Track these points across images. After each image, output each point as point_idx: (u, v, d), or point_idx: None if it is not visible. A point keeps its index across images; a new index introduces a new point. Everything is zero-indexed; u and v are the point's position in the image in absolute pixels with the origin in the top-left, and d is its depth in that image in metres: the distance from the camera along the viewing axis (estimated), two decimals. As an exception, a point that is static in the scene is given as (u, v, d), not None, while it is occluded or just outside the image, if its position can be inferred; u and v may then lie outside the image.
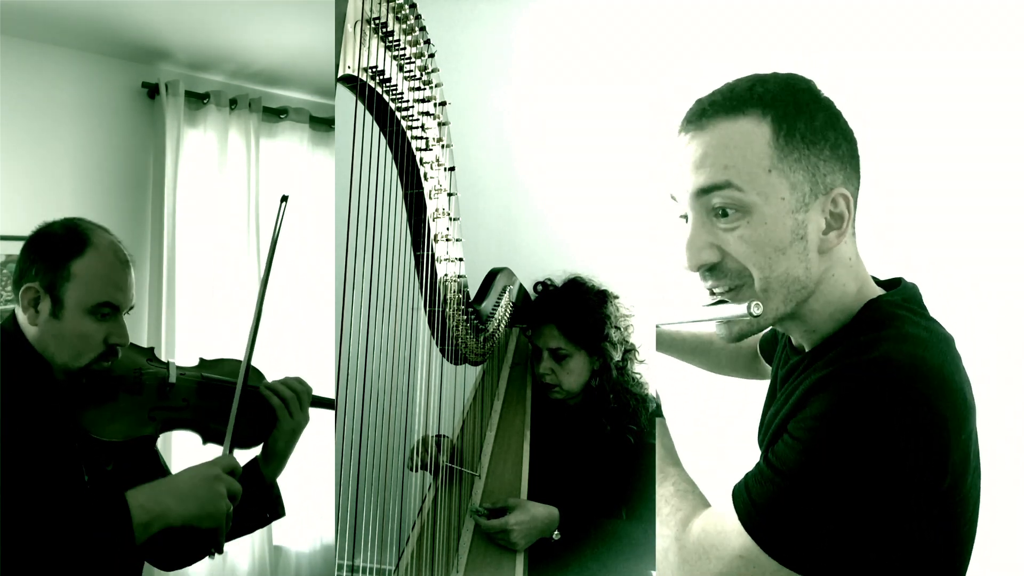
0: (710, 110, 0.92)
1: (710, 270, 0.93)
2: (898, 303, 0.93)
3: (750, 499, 0.85)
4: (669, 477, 0.99)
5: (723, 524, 0.87)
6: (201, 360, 1.39)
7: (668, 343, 1.57)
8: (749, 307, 0.90)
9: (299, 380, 1.35)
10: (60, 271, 1.14)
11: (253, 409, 1.30)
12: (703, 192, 0.91)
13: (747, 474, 0.88)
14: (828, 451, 0.80)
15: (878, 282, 1.00)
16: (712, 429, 1.94)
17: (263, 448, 1.32)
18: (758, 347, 1.46)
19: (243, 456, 1.30)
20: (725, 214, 0.90)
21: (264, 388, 1.32)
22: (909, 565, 0.86)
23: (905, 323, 0.89)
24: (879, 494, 0.79)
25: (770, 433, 0.93)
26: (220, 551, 1.16)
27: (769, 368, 1.37)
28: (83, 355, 1.16)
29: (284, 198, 1.39)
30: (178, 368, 1.31)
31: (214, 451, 1.30)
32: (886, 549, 0.83)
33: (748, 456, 0.94)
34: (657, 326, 1.19)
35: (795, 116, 0.91)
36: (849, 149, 0.94)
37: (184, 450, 2.23)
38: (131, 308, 1.22)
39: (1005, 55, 1.82)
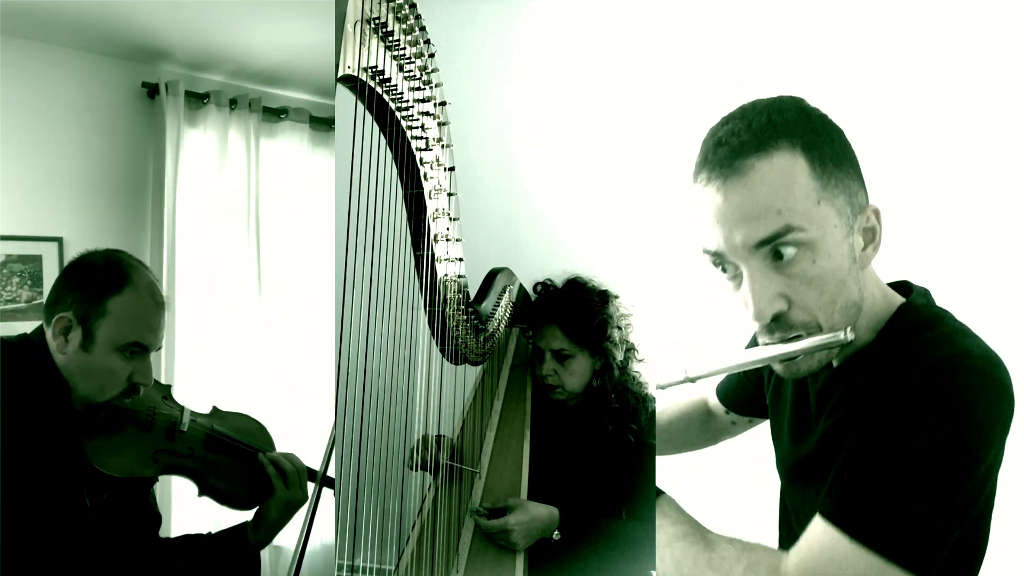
0: (740, 151, 0.87)
1: (776, 320, 0.90)
2: (931, 304, 0.95)
3: (867, 512, 0.81)
4: (716, 543, 0.90)
5: (830, 553, 0.81)
6: (214, 409, 1.40)
7: None
8: (842, 334, 0.88)
9: (295, 457, 1.36)
10: (96, 305, 1.14)
11: (257, 473, 1.31)
12: (763, 244, 0.87)
13: (838, 492, 0.84)
14: (945, 447, 0.80)
15: (891, 286, 1.01)
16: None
17: (256, 514, 1.31)
18: (708, 403, 1.42)
19: (234, 517, 1.31)
20: (780, 256, 0.87)
21: (262, 458, 1.32)
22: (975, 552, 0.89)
23: (951, 320, 0.91)
24: (982, 479, 0.82)
25: (846, 448, 0.89)
26: None
27: (726, 419, 1.36)
28: (106, 391, 1.17)
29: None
30: (191, 414, 1.32)
31: (208, 504, 1.32)
32: (974, 535, 0.86)
33: (742, 472, 0.93)
34: (659, 386, 1.07)
35: (820, 141, 0.88)
36: (857, 163, 0.93)
37: (183, 495, 2.23)
38: (159, 348, 1.23)
39: (1005, 55, 1.81)
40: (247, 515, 1.33)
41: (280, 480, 1.30)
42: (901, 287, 1.01)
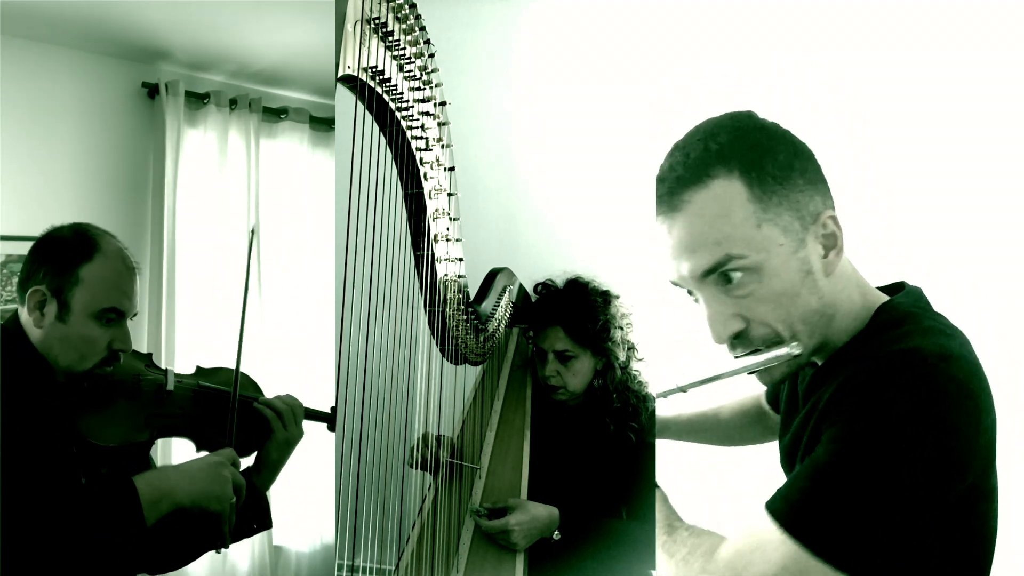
0: (677, 186, 0.90)
1: (737, 338, 0.93)
2: (910, 304, 0.94)
3: (795, 503, 0.83)
4: (677, 529, 0.96)
5: (758, 539, 0.84)
6: (198, 368, 1.41)
7: (664, 426, 1.53)
8: (790, 348, 0.91)
9: (291, 396, 1.38)
10: (68, 275, 1.15)
11: (249, 419, 1.33)
12: (708, 273, 0.90)
13: (784, 485, 0.87)
14: (872, 441, 0.80)
15: (885, 287, 1.01)
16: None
17: (256, 458, 1.33)
18: (764, 399, 1.43)
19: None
20: (729, 280, 0.89)
21: (259, 403, 1.35)
22: (948, 555, 0.87)
23: (922, 319, 0.90)
24: (924, 478, 0.79)
25: (803, 444, 0.93)
26: (226, 545, 1.17)
27: (775, 417, 1.37)
28: (87, 359, 1.17)
29: (252, 231, 1.50)
30: (175, 375, 1.33)
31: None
32: (928, 538, 0.83)
33: (748, 472, 0.94)
34: (658, 394, 1.09)
35: (760, 160, 0.89)
36: (814, 167, 0.94)
37: (181, 458, 2.21)
38: (135, 315, 1.23)
39: (1005, 55, 1.82)
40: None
41: (278, 420, 1.32)
42: (895, 288, 1.01)
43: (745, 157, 0.89)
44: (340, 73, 1.03)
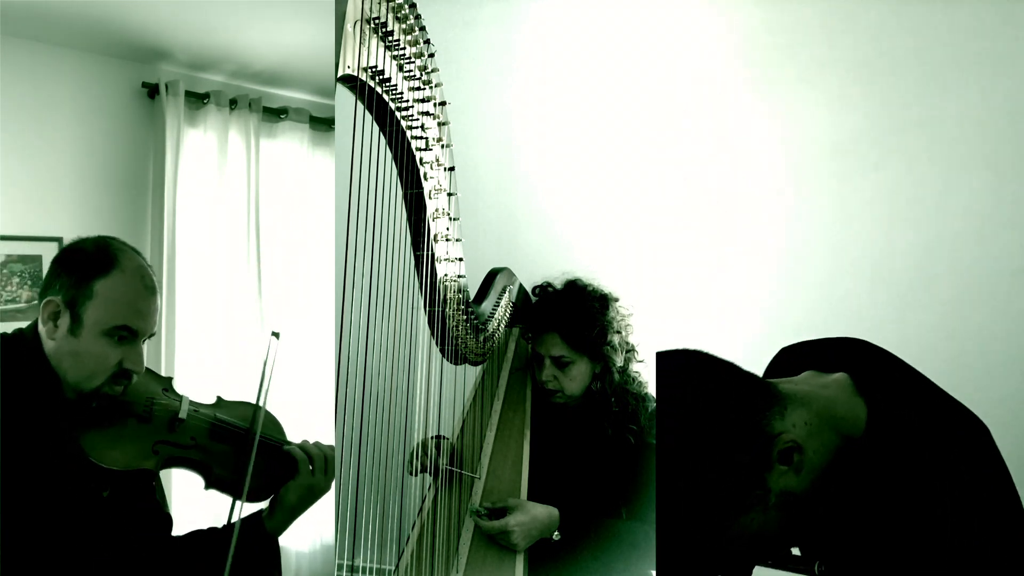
0: None
1: None
2: None
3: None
4: None
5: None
6: (219, 399, 1.36)
7: None
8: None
9: (326, 445, 1.32)
10: (83, 288, 1.13)
11: (266, 462, 1.27)
12: None
13: None
14: None
15: None
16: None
17: (272, 500, 1.28)
18: None
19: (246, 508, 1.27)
20: None
21: (289, 444, 1.30)
22: None
23: None
24: None
25: None
26: None
27: None
28: (95, 376, 1.14)
29: (275, 334, 1.38)
30: (191, 404, 1.28)
31: (215, 496, 1.27)
32: None
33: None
34: None
35: None
36: None
37: (184, 491, 2.14)
38: (152, 335, 1.20)
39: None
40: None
41: (307, 464, 1.27)
42: None
43: None
44: (340, 73, 1.02)
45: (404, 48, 1.16)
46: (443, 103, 1.31)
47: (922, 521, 0.80)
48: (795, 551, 0.96)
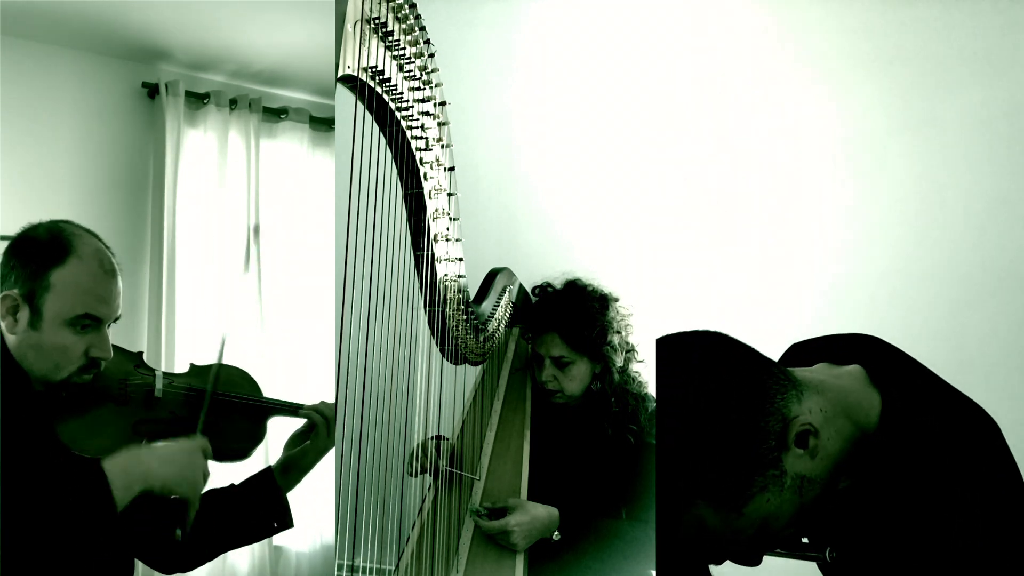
0: None
1: None
2: None
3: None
4: None
5: None
6: (192, 366, 1.35)
7: None
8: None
9: (328, 405, 1.36)
10: (39, 280, 1.09)
11: (240, 422, 1.29)
12: None
13: None
14: None
15: None
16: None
17: (287, 459, 1.32)
18: None
19: (244, 467, 1.30)
20: None
21: (307, 408, 1.33)
22: None
23: None
24: None
25: None
26: (186, 532, 1.10)
27: None
28: (62, 368, 1.11)
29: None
30: (164, 376, 1.27)
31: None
32: None
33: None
34: None
35: None
36: None
37: None
38: (116, 319, 1.16)
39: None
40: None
41: (324, 427, 1.31)
42: None
43: None
44: (340, 73, 1.03)
45: (404, 48, 1.16)
46: (443, 103, 1.31)
47: (935, 514, 0.79)
48: (804, 540, 0.96)
